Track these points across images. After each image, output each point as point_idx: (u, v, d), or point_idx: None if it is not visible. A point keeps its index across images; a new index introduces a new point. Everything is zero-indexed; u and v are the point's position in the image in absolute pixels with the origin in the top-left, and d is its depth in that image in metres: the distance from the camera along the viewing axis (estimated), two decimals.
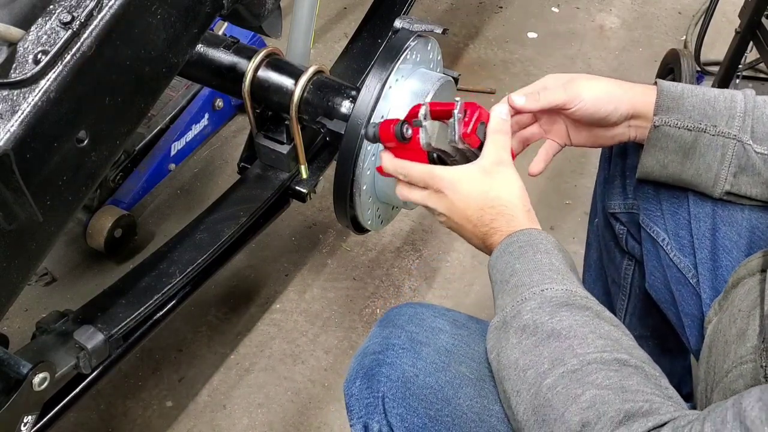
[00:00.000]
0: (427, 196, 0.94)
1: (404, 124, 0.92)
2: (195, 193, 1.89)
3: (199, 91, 1.86)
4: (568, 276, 0.83)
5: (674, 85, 0.98)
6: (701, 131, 0.95)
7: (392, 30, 1.12)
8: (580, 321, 0.76)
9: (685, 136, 0.96)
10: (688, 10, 2.61)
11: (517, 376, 0.76)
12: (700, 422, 0.63)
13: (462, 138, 0.92)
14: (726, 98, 0.96)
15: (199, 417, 1.49)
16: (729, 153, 0.95)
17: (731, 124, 0.95)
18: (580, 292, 0.80)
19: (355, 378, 0.86)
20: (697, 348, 1.02)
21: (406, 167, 0.95)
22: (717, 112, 0.95)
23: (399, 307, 0.93)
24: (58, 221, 0.88)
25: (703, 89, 0.98)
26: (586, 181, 1.97)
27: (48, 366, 0.96)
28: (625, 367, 0.72)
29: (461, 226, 0.93)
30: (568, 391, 0.71)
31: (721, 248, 0.99)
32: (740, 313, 0.83)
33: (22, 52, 0.79)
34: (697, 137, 0.96)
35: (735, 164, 0.95)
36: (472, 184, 0.91)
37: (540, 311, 0.78)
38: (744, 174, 0.95)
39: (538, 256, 0.84)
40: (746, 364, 0.76)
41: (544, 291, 0.80)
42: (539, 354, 0.75)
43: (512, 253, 0.86)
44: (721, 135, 0.95)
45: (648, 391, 0.70)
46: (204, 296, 1.65)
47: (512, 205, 0.90)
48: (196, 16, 0.99)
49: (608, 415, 0.67)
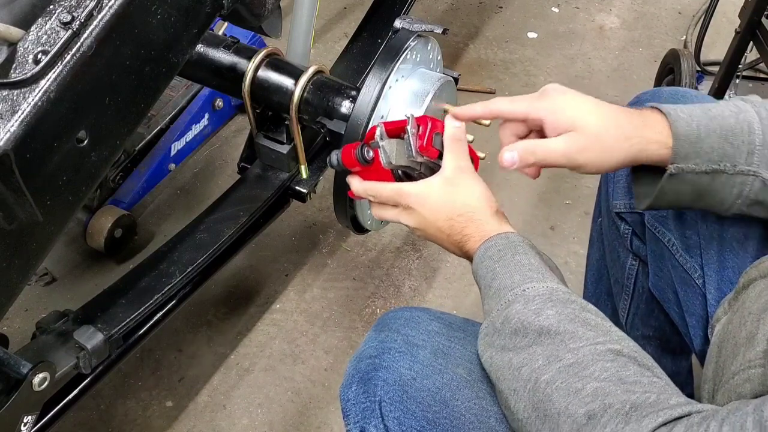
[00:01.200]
0: (398, 214, 0.97)
1: (364, 147, 0.95)
2: (195, 193, 1.89)
3: (199, 91, 1.86)
4: (548, 274, 0.84)
5: (688, 120, 0.88)
6: (719, 172, 0.88)
7: (392, 30, 1.12)
8: (567, 315, 0.77)
9: (702, 180, 0.89)
10: (688, 10, 2.61)
11: (512, 375, 0.77)
12: (718, 424, 0.62)
13: (419, 151, 0.95)
14: (743, 129, 0.88)
15: (199, 417, 1.49)
16: (747, 189, 0.89)
17: (750, 161, 0.87)
18: (562, 288, 0.81)
19: (351, 383, 0.86)
20: (701, 349, 1.02)
21: (374, 188, 0.98)
22: (735, 149, 0.87)
23: (394, 310, 0.93)
24: (58, 221, 0.88)
25: (719, 120, 0.88)
26: (586, 181, 1.97)
27: (48, 366, 0.96)
28: (619, 357, 0.73)
29: (436, 237, 0.95)
30: (568, 386, 0.71)
31: (728, 249, 0.99)
32: (750, 316, 0.82)
33: (22, 52, 0.79)
34: (714, 177, 0.89)
35: (752, 198, 0.90)
36: (437, 196, 0.93)
37: (525, 311, 0.79)
38: (758, 204, 0.91)
39: (517, 257, 0.85)
40: (754, 368, 0.76)
41: (526, 291, 0.81)
42: (532, 352, 0.76)
43: (492, 257, 0.87)
44: (740, 173, 0.88)
45: (646, 381, 0.71)
46: (204, 296, 1.65)
47: (479, 210, 0.92)
48: (196, 16, 0.99)
49: (614, 407, 0.68)
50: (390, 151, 0.95)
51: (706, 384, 0.88)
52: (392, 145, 0.96)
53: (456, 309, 1.69)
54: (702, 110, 0.89)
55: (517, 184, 1.95)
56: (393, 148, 0.95)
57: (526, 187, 1.94)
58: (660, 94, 1.11)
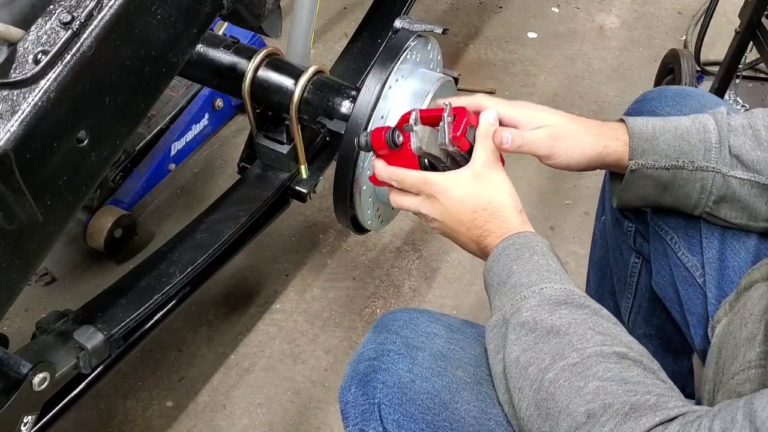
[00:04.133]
0: (420, 202, 0.96)
1: (395, 131, 0.94)
2: (195, 193, 1.89)
3: (199, 91, 1.86)
4: (565, 277, 0.84)
5: (644, 122, 0.97)
6: (679, 168, 0.95)
7: (392, 30, 1.12)
8: (579, 318, 0.77)
9: (663, 175, 0.96)
10: (688, 10, 2.61)
11: (519, 373, 0.77)
12: (710, 419, 0.63)
13: (452, 141, 0.94)
14: (698, 129, 0.95)
15: (199, 417, 1.49)
16: (708, 184, 0.95)
17: (708, 157, 0.94)
18: (578, 292, 0.81)
19: (350, 385, 0.86)
20: (702, 347, 1.02)
21: (399, 174, 0.96)
22: (692, 146, 0.95)
23: (393, 312, 0.93)
24: (58, 221, 0.88)
25: (674, 122, 0.97)
26: (586, 181, 1.97)
27: (48, 366, 0.96)
28: (624, 360, 0.73)
29: (455, 230, 0.94)
30: (571, 384, 0.72)
31: (729, 249, 0.99)
32: (752, 317, 0.83)
33: (22, 52, 0.79)
34: (675, 174, 0.96)
35: (715, 194, 0.95)
36: (464, 187, 0.92)
37: (539, 309, 0.79)
38: (723, 201, 0.96)
39: (535, 257, 0.85)
40: (754, 369, 0.77)
41: (543, 290, 0.80)
42: (539, 350, 0.76)
43: (509, 256, 0.86)
44: (699, 170, 0.95)
45: (649, 382, 0.71)
46: (204, 296, 1.65)
47: (504, 207, 0.91)
48: (196, 16, 0.99)
49: (614, 407, 0.68)
50: (422, 137, 0.93)
51: (707, 384, 0.88)
52: (425, 131, 0.94)
53: (456, 309, 1.69)
54: (660, 119, 0.98)
55: (517, 185, 1.91)
56: (426, 135, 0.94)
57: (527, 187, 1.94)
58: (665, 93, 1.11)
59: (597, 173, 1.07)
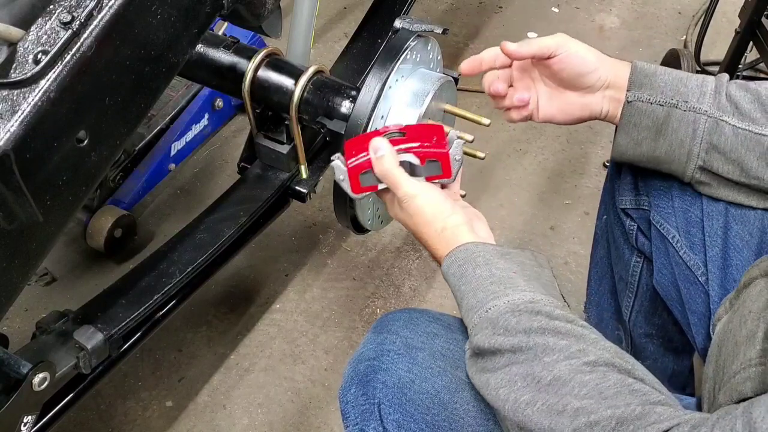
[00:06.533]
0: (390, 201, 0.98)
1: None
2: (195, 193, 1.89)
3: (199, 91, 1.86)
4: (510, 283, 0.82)
5: (648, 63, 1.02)
6: (673, 107, 0.98)
7: (392, 30, 1.12)
8: (536, 327, 0.76)
9: (657, 112, 0.98)
10: (688, 10, 2.61)
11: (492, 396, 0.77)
12: (708, 429, 0.62)
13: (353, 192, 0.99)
14: (698, 79, 0.99)
15: (199, 417, 1.49)
16: (700, 128, 0.97)
17: (702, 100, 0.97)
18: (526, 297, 0.79)
19: (350, 385, 0.86)
20: (703, 346, 1.02)
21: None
22: (689, 89, 0.98)
23: (393, 312, 0.93)
24: (58, 221, 0.88)
25: (676, 72, 1.01)
26: (586, 181, 1.97)
27: (48, 366, 0.96)
28: (596, 368, 0.71)
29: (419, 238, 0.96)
30: (550, 408, 0.70)
31: (732, 247, 0.99)
32: (751, 315, 0.82)
33: (22, 52, 0.79)
34: (669, 113, 0.98)
35: (707, 140, 0.97)
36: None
37: (494, 335, 0.77)
38: (716, 151, 0.97)
39: (477, 271, 0.84)
40: (754, 367, 0.76)
41: (489, 311, 0.79)
42: (509, 372, 0.75)
43: (454, 275, 0.86)
44: (692, 110, 0.97)
45: (626, 391, 0.69)
46: (204, 296, 1.65)
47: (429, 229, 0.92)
48: (196, 16, 0.99)
49: (600, 425, 0.67)
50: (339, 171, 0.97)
51: (707, 383, 0.88)
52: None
53: (456, 309, 1.68)
54: (663, 66, 1.03)
55: (517, 184, 1.95)
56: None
57: (527, 187, 1.94)
58: None
59: (597, 174, 1.07)
